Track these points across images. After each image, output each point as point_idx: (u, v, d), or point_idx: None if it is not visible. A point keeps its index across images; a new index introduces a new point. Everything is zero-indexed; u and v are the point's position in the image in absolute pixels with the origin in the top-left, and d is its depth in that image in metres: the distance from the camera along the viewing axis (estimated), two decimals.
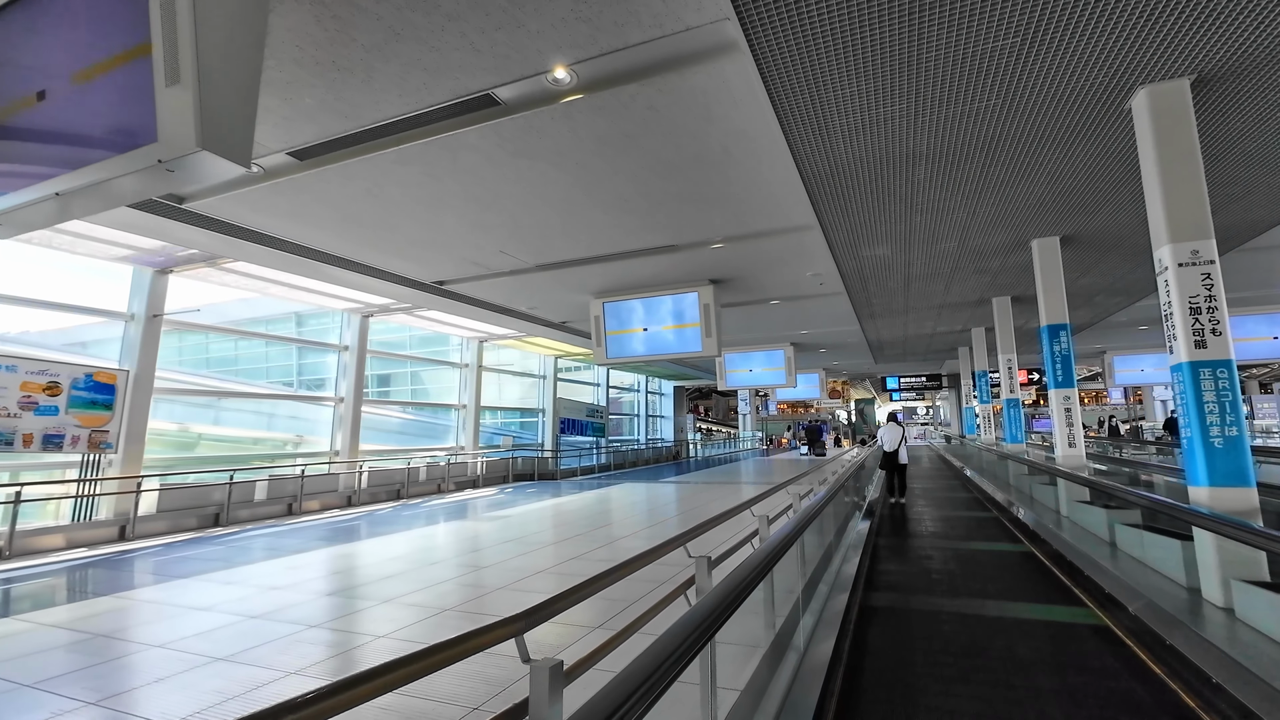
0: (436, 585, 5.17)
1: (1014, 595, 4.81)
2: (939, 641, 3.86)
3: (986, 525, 7.94)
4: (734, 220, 6.91)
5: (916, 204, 6.27)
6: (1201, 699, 2.96)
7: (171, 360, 12.67)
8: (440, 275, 8.96)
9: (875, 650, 3.74)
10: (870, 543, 6.86)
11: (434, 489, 13.85)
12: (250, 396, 12.25)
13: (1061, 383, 7.36)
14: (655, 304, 9.84)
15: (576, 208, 6.41)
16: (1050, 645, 3.73)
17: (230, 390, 11.91)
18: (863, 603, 4.69)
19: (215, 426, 12.25)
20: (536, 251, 7.89)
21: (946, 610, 4.48)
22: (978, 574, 5.49)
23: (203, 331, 11.33)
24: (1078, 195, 6.13)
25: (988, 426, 14.98)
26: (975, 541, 6.94)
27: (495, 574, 5.53)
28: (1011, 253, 8.13)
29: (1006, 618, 4.31)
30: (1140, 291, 10.66)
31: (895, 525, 8.24)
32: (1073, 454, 7.18)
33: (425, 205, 6.24)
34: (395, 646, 3.76)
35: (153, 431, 10.25)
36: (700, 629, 1.58)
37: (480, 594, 4.90)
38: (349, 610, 4.55)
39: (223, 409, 12.49)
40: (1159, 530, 4.56)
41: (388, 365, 18.61)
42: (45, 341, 9.23)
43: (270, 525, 9.29)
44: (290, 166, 5.38)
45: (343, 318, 12.58)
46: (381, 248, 7.58)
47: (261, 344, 13.86)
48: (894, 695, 3.13)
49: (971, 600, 4.71)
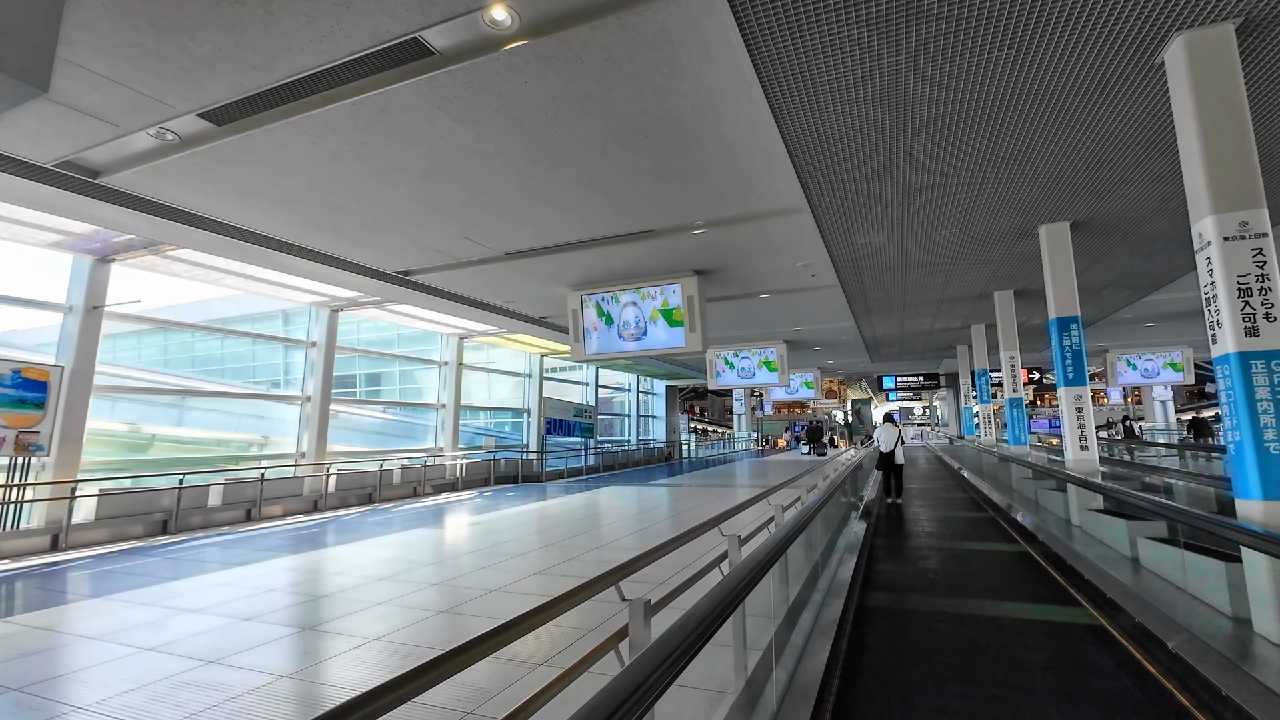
0: (374, 607, 4.55)
1: (1009, 596, 4.24)
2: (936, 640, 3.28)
3: (983, 526, 7.36)
4: (715, 201, 6.30)
5: (915, 183, 5.67)
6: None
7: (129, 358, 12.04)
8: (404, 264, 8.33)
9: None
10: (867, 544, 6.36)
11: (409, 492, 13.21)
12: (206, 395, 11.57)
13: (1072, 380, 6.76)
14: (636, 296, 9.23)
15: (539, 185, 5.79)
16: (1073, 671, 3.14)
17: (183, 388, 11.23)
18: (858, 608, 4.10)
19: (174, 427, 11.59)
20: (504, 238, 7.27)
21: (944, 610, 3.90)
22: (974, 574, 4.92)
23: (158, 328, 10.64)
24: (1093, 173, 5.54)
25: (988, 427, 14.40)
26: (972, 541, 6.36)
27: (441, 595, 4.91)
28: (1017, 241, 7.54)
29: (1003, 618, 4.14)
30: (1151, 285, 10.09)
31: (892, 527, 7.67)
32: (1085, 458, 6.59)
33: (371, 182, 5.62)
34: (302, 691, 3.14)
35: (100, 432, 9.61)
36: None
37: (419, 619, 4.28)
38: (262, 640, 3.92)
39: (188, 409, 11.83)
40: (1196, 548, 3.96)
41: (377, 365, 18.00)
42: (16, 341, 8.58)
43: (223, 533, 8.65)
44: (208, 133, 4.75)
45: (310, 312, 11.93)
46: (333, 232, 6.95)
47: (236, 343, 13.22)
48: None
49: (963, 600, 4.17)
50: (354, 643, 3.82)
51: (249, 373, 14.95)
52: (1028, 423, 10.33)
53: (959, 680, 3.25)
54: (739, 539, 3.10)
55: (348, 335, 17.04)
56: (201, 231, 6.53)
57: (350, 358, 16.98)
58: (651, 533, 7.49)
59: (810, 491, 5.34)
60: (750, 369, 16.20)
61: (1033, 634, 3.95)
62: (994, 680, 3.24)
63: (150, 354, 12.65)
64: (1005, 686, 3.16)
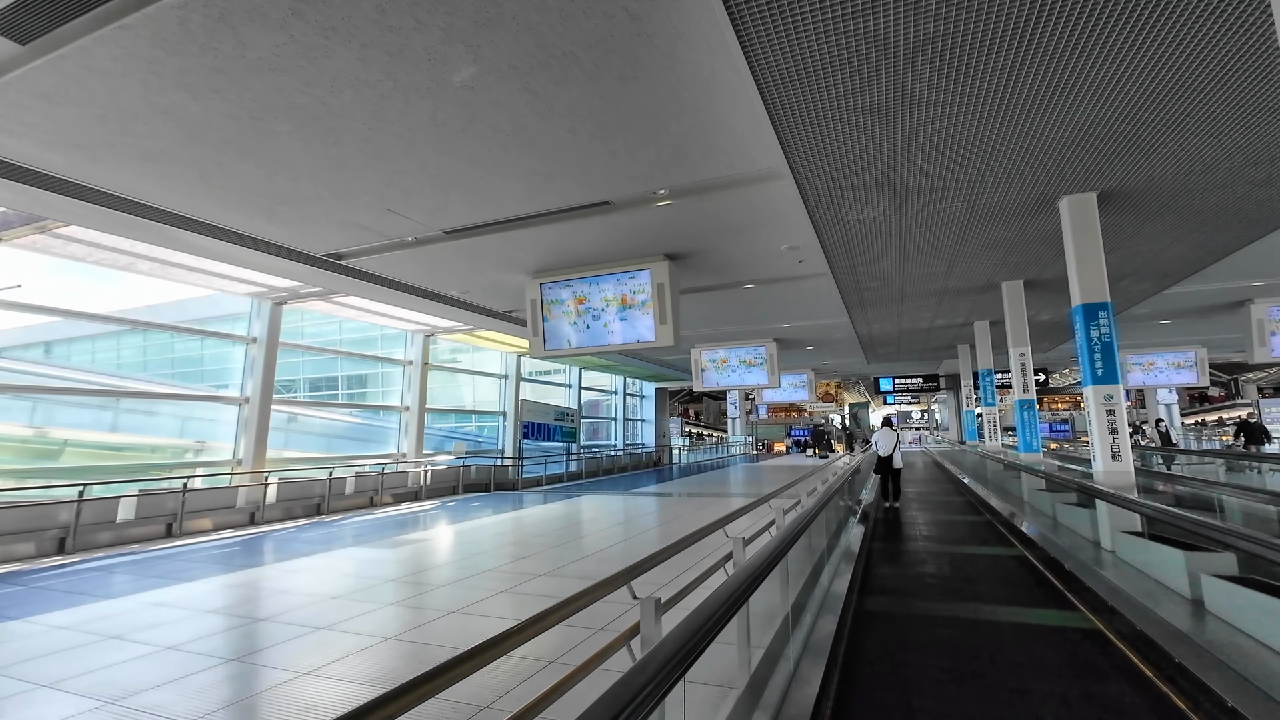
0: (234, 664, 3.48)
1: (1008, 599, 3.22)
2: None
3: (982, 530, 6.32)
4: (674, 161, 5.26)
5: (916, 139, 4.64)
6: None
7: (38, 355, 10.97)
8: (331, 245, 7.27)
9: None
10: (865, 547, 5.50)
11: (365, 503, 12.13)
12: (118, 395, 10.41)
13: (1102, 377, 5.73)
14: (600, 284, 8.18)
15: (456, 137, 4.75)
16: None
17: (96, 389, 10.09)
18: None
19: (105, 433, 10.53)
20: (433, 210, 6.21)
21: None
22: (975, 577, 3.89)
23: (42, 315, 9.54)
24: (1131, 128, 4.51)
25: (993, 431, 13.36)
26: (969, 545, 5.32)
27: (327, 644, 3.84)
28: (1033, 216, 6.52)
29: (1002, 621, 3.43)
30: (1177, 274, 9.08)
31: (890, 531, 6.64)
32: (1118, 469, 5.55)
33: (246, 130, 4.57)
34: None
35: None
36: None
37: (285, 681, 3.21)
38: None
39: (123, 412, 10.77)
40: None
41: (359, 366, 16.97)
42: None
43: (131, 551, 7.59)
44: (15, 57, 3.71)
45: (251, 305, 10.86)
46: (230, 202, 5.88)
47: (186, 343, 12.15)
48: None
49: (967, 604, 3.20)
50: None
51: (197, 375, 13.88)
52: (1038, 428, 9.29)
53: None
54: (743, 540, 3.18)
55: (328, 334, 16.08)
56: (63, 198, 5.46)
57: (324, 359, 16.03)
58: (611, 556, 6.43)
59: (810, 495, 5.16)
60: (738, 369, 15.16)
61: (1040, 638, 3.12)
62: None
63: (75, 354, 11.59)
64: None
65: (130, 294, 10.62)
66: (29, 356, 10.60)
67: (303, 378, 17.07)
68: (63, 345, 11.58)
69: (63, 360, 11.33)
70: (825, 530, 4.99)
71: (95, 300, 9.85)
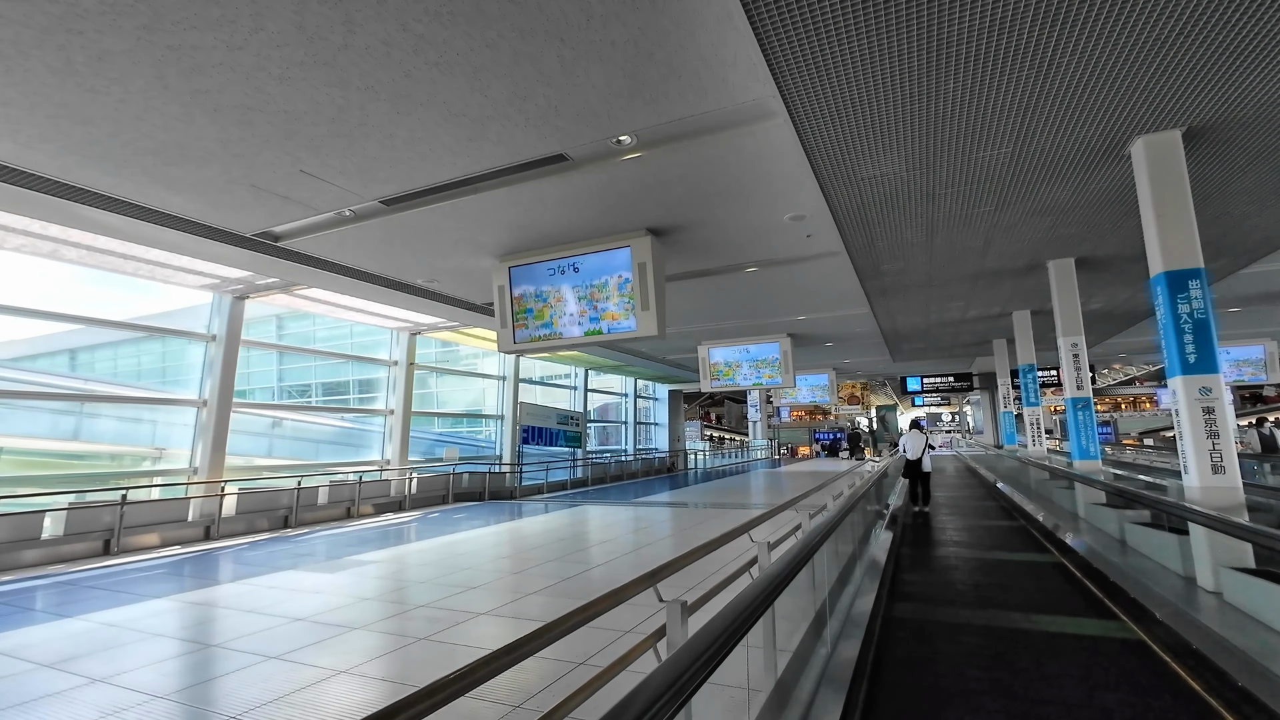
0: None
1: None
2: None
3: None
4: (632, 88, 4.09)
5: (949, 45, 3.43)
6: None
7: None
8: (257, 222, 6.28)
9: None
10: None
11: (341, 514, 11.19)
12: (55, 398, 9.57)
13: (1195, 365, 4.43)
14: (574, 265, 7.08)
15: (333, 56, 3.69)
16: None
17: (22, 391, 9.22)
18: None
19: (63, 440, 9.77)
20: (354, 170, 5.15)
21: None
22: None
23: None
24: (1241, 32, 3.26)
25: (1037, 435, 11.89)
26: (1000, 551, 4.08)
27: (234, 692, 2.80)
28: (1095, 167, 5.24)
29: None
30: (1264, 248, 7.64)
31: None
32: (1220, 484, 4.24)
33: (75, 51, 3.57)
34: None
35: None
36: None
37: None
38: None
39: (85, 417, 10.02)
40: None
41: (363, 370, 16.14)
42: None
43: (50, 573, 6.74)
44: None
45: (213, 300, 10.01)
46: (107, 160, 4.88)
47: (152, 344, 11.36)
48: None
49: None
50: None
51: (176, 382, 13.12)
52: (1096, 430, 7.91)
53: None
54: (768, 544, 3.09)
55: (333, 336, 15.26)
56: None
57: (332, 363, 15.20)
58: (581, 585, 5.31)
59: (836, 499, 4.94)
60: (749, 368, 13.93)
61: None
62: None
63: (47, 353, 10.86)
64: None
65: (113, 300, 9.84)
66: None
67: (316, 382, 16.33)
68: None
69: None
70: (852, 535, 4.88)
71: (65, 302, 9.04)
